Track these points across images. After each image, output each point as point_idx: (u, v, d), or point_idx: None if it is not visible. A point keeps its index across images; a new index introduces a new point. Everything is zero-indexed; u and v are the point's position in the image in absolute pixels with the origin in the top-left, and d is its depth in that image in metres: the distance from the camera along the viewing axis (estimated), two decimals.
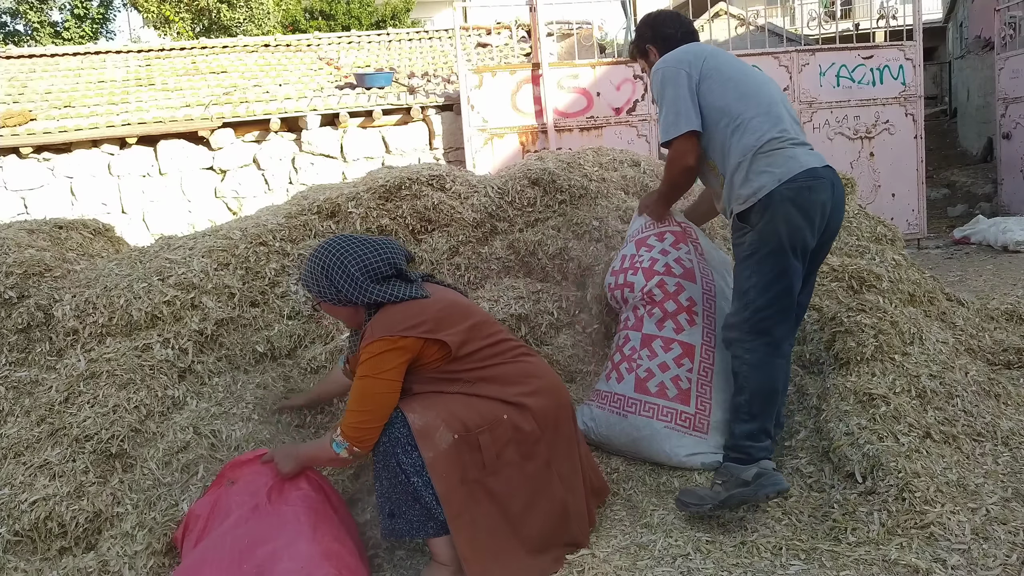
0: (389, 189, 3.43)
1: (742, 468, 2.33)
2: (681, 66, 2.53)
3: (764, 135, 2.41)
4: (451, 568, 2.14)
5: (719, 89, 2.49)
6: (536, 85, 7.96)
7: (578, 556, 2.21)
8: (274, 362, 2.96)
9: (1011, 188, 8.79)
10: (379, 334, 2.08)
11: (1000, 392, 2.86)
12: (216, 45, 11.86)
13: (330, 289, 2.19)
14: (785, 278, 2.37)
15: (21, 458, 2.45)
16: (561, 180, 3.57)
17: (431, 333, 2.10)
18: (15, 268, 2.98)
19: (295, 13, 18.46)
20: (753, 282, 2.39)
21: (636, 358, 2.75)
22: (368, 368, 2.07)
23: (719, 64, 2.55)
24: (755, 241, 2.39)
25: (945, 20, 16.79)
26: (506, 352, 2.25)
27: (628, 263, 2.91)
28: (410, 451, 2.07)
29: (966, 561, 2.05)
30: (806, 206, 2.34)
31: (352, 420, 2.06)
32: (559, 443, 2.26)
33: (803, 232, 2.36)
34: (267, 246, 3.19)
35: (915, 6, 8.12)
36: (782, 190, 2.33)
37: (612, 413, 2.74)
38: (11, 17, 18.55)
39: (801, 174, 2.34)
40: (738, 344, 2.44)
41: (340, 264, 2.17)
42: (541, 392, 2.23)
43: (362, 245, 2.22)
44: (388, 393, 2.08)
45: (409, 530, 2.12)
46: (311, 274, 2.23)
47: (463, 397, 2.14)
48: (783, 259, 2.36)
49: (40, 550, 2.25)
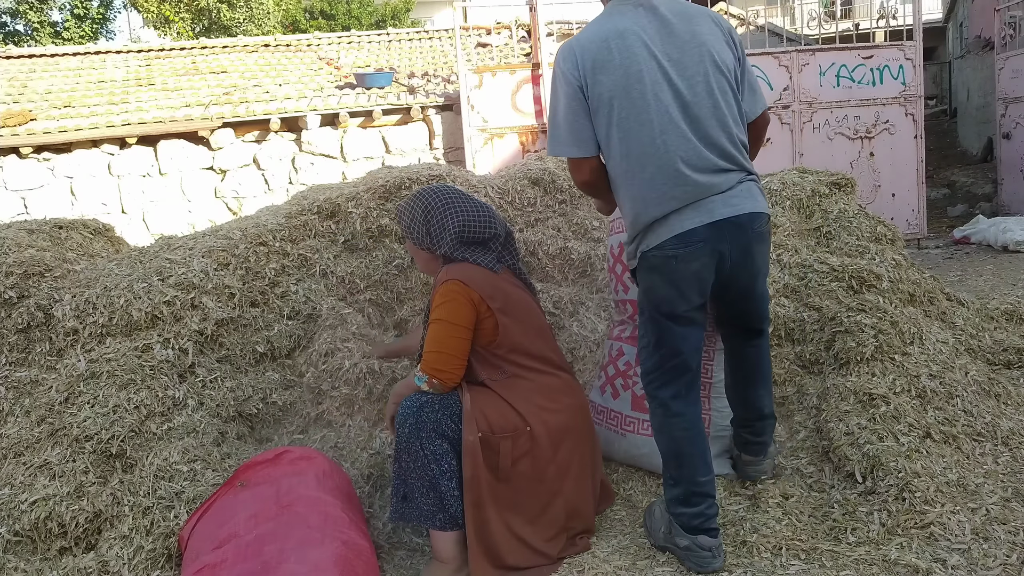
0: (389, 189, 3.43)
1: (679, 532, 2.16)
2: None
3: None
4: (451, 566, 2.15)
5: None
6: (536, 85, 7.95)
7: (578, 556, 2.22)
8: (274, 362, 2.96)
9: (1011, 188, 8.79)
10: (454, 276, 2.19)
11: (1000, 392, 2.86)
12: (216, 45, 11.86)
13: (422, 231, 2.31)
14: (664, 345, 2.15)
15: (21, 458, 2.45)
16: (561, 180, 3.57)
17: (500, 312, 2.21)
18: (15, 268, 2.98)
19: (295, 13, 18.47)
20: (644, 343, 2.22)
21: (632, 375, 2.65)
22: (441, 313, 2.17)
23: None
24: (639, 301, 2.23)
25: (945, 20, 16.79)
26: (546, 365, 2.32)
27: (621, 258, 2.76)
28: (434, 439, 2.11)
29: (966, 561, 2.05)
30: (673, 276, 2.07)
31: (431, 360, 2.15)
32: (572, 465, 2.28)
33: (673, 302, 2.10)
34: (267, 246, 3.19)
35: (915, 6, 8.12)
36: (649, 256, 2.10)
37: (610, 430, 2.69)
38: (11, 17, 18.54)
39: (669, 240, 2.05)
40: (648, 402, 2.28)
41: (441, 214, 2.30)
42: (566, 412, 2.28)
43: (467, 203, 2.33)
44: (460, 338, 2.17)
45: (418, 516, 2.14)
46: (410, 211, 2.35)
47: (496, 397, 2.19)
48: (659, 326, 2.15)
49: (40, 550, 2.25)
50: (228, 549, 2.01)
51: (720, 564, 2.13)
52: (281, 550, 1.98)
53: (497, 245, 2.34)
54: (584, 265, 3.28)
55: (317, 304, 3.09)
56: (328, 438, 2.68)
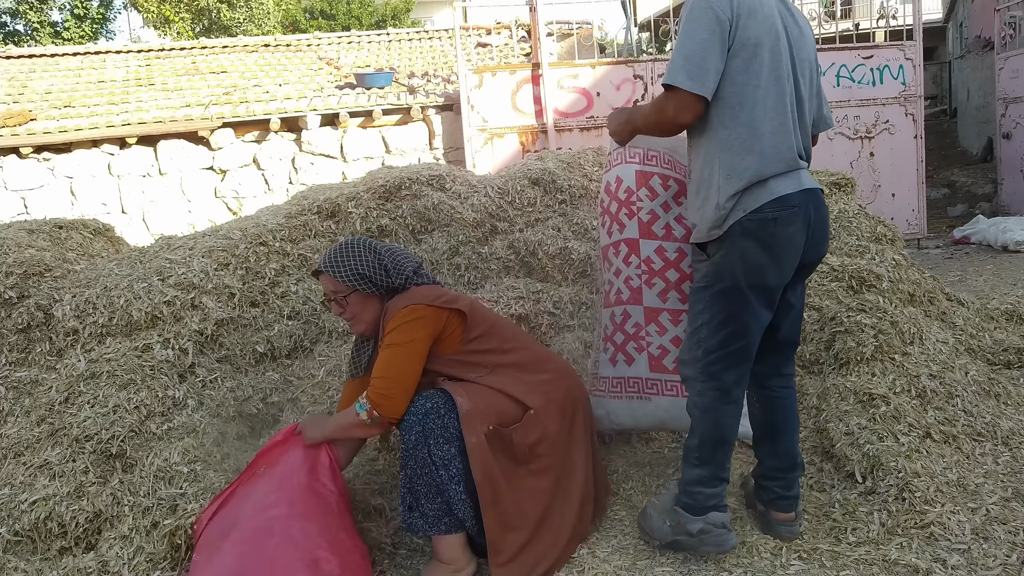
0: (389, 189, 3.43)
1: (689, 518, 2.14)
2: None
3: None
4: (452, 567, 2.15)
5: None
6: (536, 85, 7.95)
7: (578, 556, 2.22)
8: (274, 362, 2.96)
9: (1011, 188, 8.79)
10: (404, 304, 2.18)
11: (1000, 392, 2.86)
12: (216, 45, 11.86)
13: (376, 269, 2.24)
14: (735, 322, 2.08)
15: (21, 458, 2.45)
16: (561, 180, 3.57)
17: (450, 303, 2.21)
18: (15, 268, 2.98)
19: (295, 13, 18.47)
20: (705, 319, 2.11)
21: (644, 336, 2.53)
22: (394, 337, 2.14)
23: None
24: (711, 274, 2.11)
25: (945, 20, 16.78)
26: (513, 338, 2.34)
27: (624, 197, 2.55)
28: (443, 444, 2.10)
29: (966, 561, 2.05)
30: (770, 240, 2.04)
31: (378, 386, 2.11)
32: (577, 428, 2.32)
33: (765, 270, 2.05)
34: (267, 246, 3.19)
35: (915, 6, 8.12)
36: (744, 221, 2.03)
37: (632, 399, 2.56)
38: (11, 17, 18.54)
39: (768, 204, 2.03)
40: (691, 383, 2.18)
41: (389, 249, 2.31)
42: (560, 378, 2.32)
43: (392, 247, 2.37)
44: (412, 363, 2.14)
45: (424, 526, 2.14)
46: (354, 256, 2.25)
47: (494, 391, 2.19)
48: (735, 300, 2.07)
49: (40, 550, 2.25)
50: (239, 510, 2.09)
51: (735, 540, 2.15)
52: (288, 516, 2.06)
53: (424, 272, 2.38)
54: (584, 265, 3.28)
55: (317, 304, 3.09)
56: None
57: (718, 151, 2.05)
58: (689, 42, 2.00)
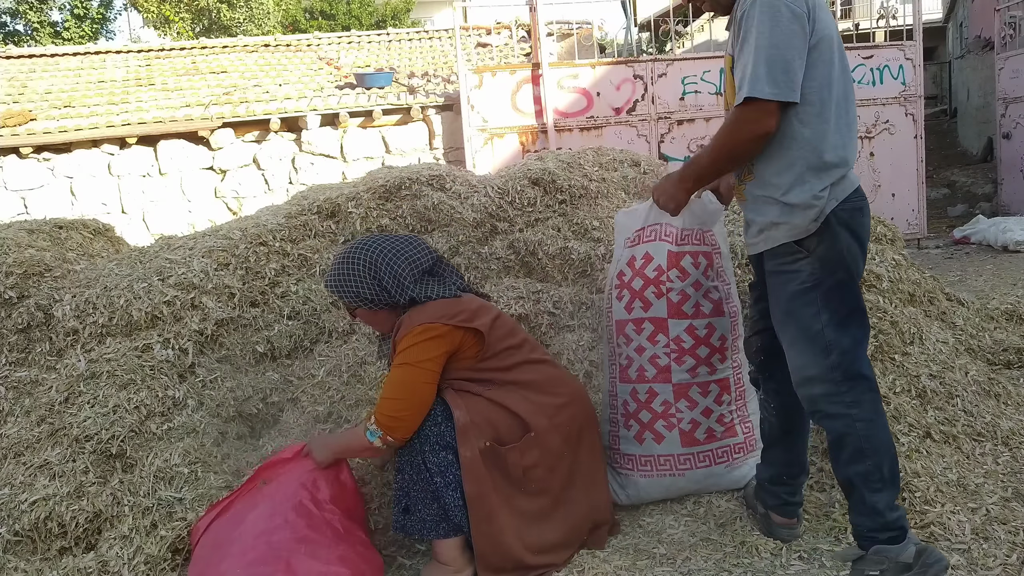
0: (389, 189, 3.43)
1: (899, 549, 1.90)
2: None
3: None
4: (452, 568, 2.15)
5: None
6: (536, 85, 7.95)
7: (578, 556, 2.22)
8: (274, 362, 2.96)
9: (1011, 188, 8.79)
10: (419, 321, 2.08)
11: (1000, 392, 2.86)
12: (216, 45, 11.87)
13: (376, 290, 2.15)
14: (860, 311, 1.98)
15: (21, 458, 2.45)
16: (561, 180, 3.57)
17: (467, 322, 2.11)
18: (15, 268, 2.98)
19: (295, 13, 18.47)
20: (825, 319, 1.93)
21: (674, 413, 2.42)
22: (407, 356, 2.06)
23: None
24: (817, 270, 1.94)
25: (945, 20, 16.78)
26: (532, 353, 2.27)
27: (653, 276, 2.42)
28: (438, 451, 2.07)
29: (966, 561, 2.05)
30: (860, 229, 1.99)
31: (387, 408, 2.04)
32: (582, 454, 2.27)
33: (859, 260, 2.00)
34: (267, 246, 3.19)
35: (915, 6, 8.12)
36: (839, 212, 1.94)
37: (664, 476, 2.45)
38: (11, 17, 18.55)
39: (853, 193, 1.98)
40: (833, 400, 1.94)
41: (387, 263, 2.15)
42: (569, 404, 2.25)
43: (399, 242, 2.22)
44: (425, 383, 2.06)
45: (420, 529, 2.12)
46: (352, 278, 2.15)
47: (496, 406, 2.14)
48: (850, 291, 1.97)
49: (40, 550, 2.25)
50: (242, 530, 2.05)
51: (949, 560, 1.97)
52: (293, 539, 2.02)
53: (443, 268, 2.27)
54: (584, 265, 3.28)
55: (317, 304, 3.09)
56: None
57: (800, 149, 1.93)
58: (767, 46, 1.84)
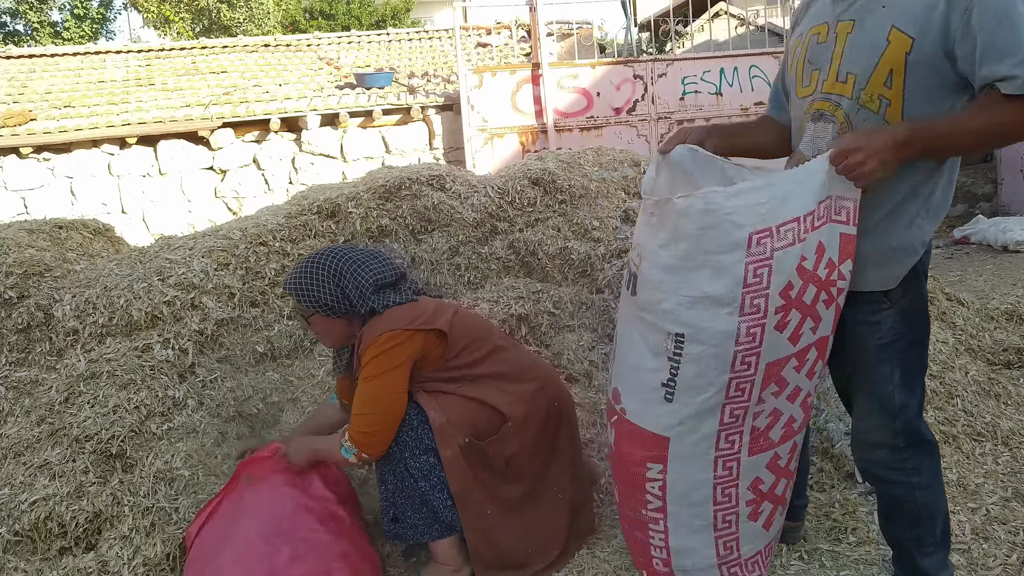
0: (389, 189, 3.43)
1: None
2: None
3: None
4: (451, 568, 2.15)
5: None
6: (536, 85, 7.96)
7: (578, 556, 2.22)
8: (274, 362, 2.96)
9: (1011, 188, 8.79)
10: (380, 330, 2.05)
11: (1000, 392, 2.86)
12: (216, 45, 11.87)
13: (338, 296, 2.12)
14: (924, 369, 1.77)
15: (21, 458, 2.45)
16: (561, 180, 3.57)
17: (428, 324, 2.08)
18: (15, 268, 2.98)
19: (295, 13, 18.46)
20: (897, 380, 1.69)
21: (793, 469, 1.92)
22: (374, 368, 2.03)
23: None
24: (898, 324, 1.68)
25: None
26: (499, 341, 2.25)
27: (825, 275, 1.63)
28: (418, 455, 2.06)
29: (966, 561, 2.05)
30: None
31: (360, 424, 2.02)
32: (561, 439, 2.27)
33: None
34: (267, 246, 3.19)
35: None
36: (924, 257, 1.69)
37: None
38: (11, 17, 18.54)
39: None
40: (893, 467, 1.75)
41: (352, 272, 2.12)
42: (543, 388, 2.24)
43: (366, 255, 2.20)
44: (395, 393, 2.04)
45: (413, 534, 2.11)
46: (315, 283, 2.13)
47: (471, 402, 2.13)
48: (927, 344, 1.77)
49: (40, 550, 2.25)
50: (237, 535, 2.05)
51: None
52: (290, 539, 2.02)
53: (405, 284, 2.24)
54: (584, 265, 3.28)
55: None
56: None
57: (929, 180, 1.63)
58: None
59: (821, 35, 1.69)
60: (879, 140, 1.52)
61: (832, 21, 1.68)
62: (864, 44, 1.61)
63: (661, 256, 1.69)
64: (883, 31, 1.58)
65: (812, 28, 1.73)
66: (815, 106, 1.70)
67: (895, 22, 1.57)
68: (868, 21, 1.61)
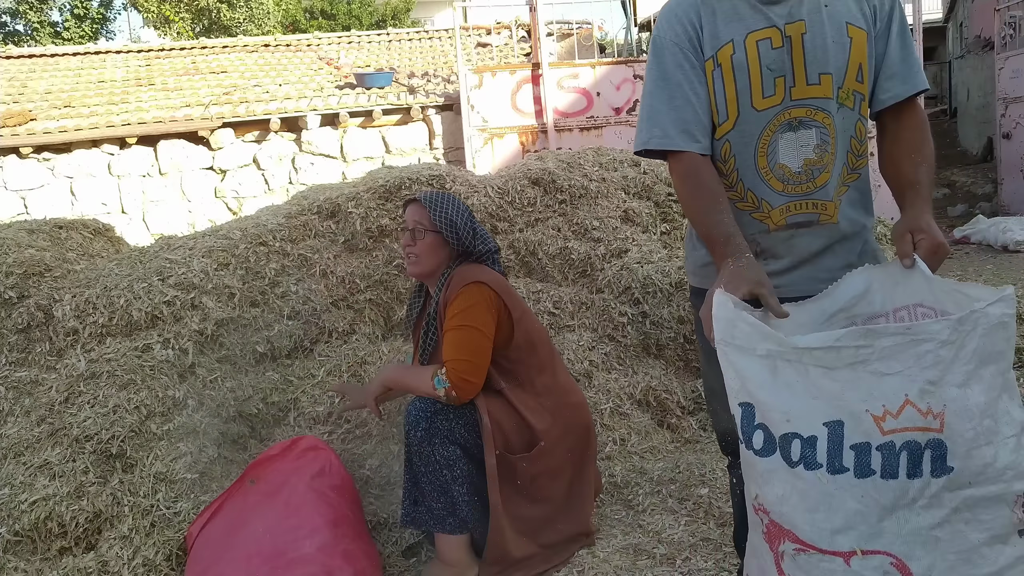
0: (389, 189, 3.43)
1: None
2: None
3: None
4: (455, 570, 2.15)
5: None
6: (536, 85, 7.96)
7: (578, 556, 2.22)
8: (274, 362, 2.96)
9: (1011, 188, 8.79)
10: (472, 278, 2.13)
11: None
12: (216, 45, 11.87)
13: (467, 228, 2.22)
14: None
15: (21, 458, 2.45)
16: (561, 180, 3.57)
17: (509, 297, 2.19)
18: (15, 268, 2.98)
19: (295, 13, 18.47)
20: None
21: None
22: (468, 318, 2.09)
23: None
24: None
25: (945, 20, 16.79)
26: (551, 358, 2.31)
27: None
28: (447, 444, 2.09)
29: None
30: None
31: (462, 369, 2.05)
32: (584, 467, 2.30)
33: None
34: (267, 246, 3.19)
35: (915, 6, 8.12)
36: None
37: None
38: (11, 17, 18.54)
39: None
40: None
41: (477, 222, 2.30)
42: (578, 415, 2.28)
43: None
44: (487, 349, 2.10)
45: (429, 522, 2.14)
46: (452, 205, 2.23)
47: (512, 412, 2.16)
48: None
49: (40, 550, 2.25)
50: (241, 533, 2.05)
51: None
52: (295, 538, 2.03)
53: (498, 261, 2.35)
54: (584, 265, 3.28)
55: (317, 304, 3.09)
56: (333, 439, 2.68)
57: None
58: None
59: (774, 40, 1.59)
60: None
61: (779, 24, 1.59)
62: (827, 43, 1.58)
63: (970, 396, 1.22)
64: (841, 28, 1.58)
65: (751, 34, 1.60)
66: (791, 114, 1.61)
67: (847, 19, 1.58)
68: (820, 20, 1.58)
